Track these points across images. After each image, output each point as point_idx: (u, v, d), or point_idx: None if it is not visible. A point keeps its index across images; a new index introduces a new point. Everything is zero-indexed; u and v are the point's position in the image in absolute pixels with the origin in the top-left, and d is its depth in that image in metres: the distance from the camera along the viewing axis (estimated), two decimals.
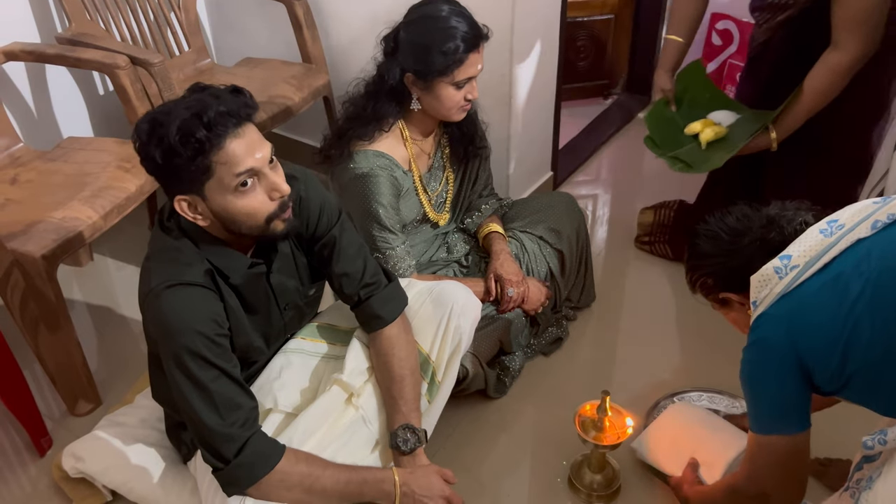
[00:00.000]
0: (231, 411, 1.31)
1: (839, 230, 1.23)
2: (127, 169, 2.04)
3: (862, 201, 1.30)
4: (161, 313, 1.28)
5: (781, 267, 1.24)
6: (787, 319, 1.23)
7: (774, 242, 1.30)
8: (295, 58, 2.62)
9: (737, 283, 1.34)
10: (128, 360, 2.14)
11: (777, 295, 1.23)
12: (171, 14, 2.56)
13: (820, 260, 1.21)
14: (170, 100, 1.27)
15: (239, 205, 1.26)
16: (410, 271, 1.84)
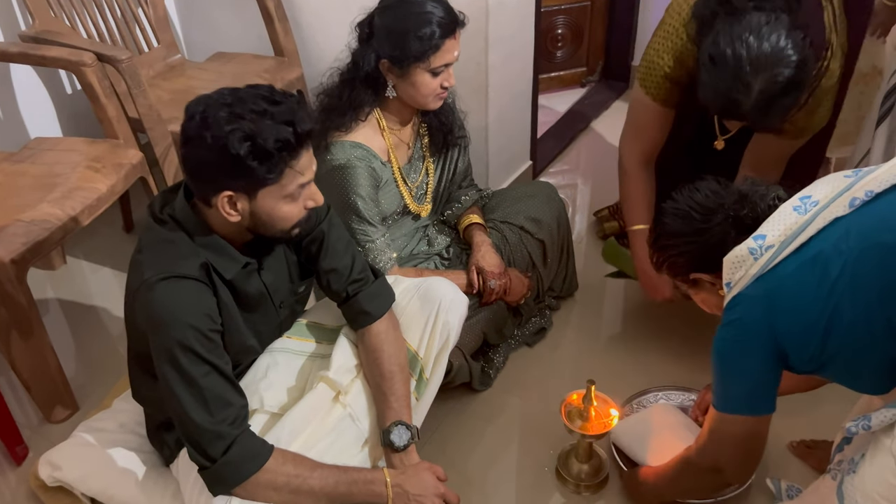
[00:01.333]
0: (221, 408, 1.29)
1: (813, 207, 1.20)
2: (97, 169, 1.99)
3: (833, 174, 1.26)
4: (153, 306, 1.26)
5: (756, 248, 1.20)
6: (765, 301, 1.20)
7: (747, 220, 1.26)
8: (267, 51, 2.58)
9: (708, 263, 1.31)
10: (105, 363, 2.10)
11: (752, 276, 1.21)
12: (138, 9, 2.51)
13: (796, 239, 1.18)
14: (230, 89, 1.25)
15: (284, 210, 1.29)
16: (391, 264, 1.81)
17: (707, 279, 1.34)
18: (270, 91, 1.24)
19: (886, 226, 1.14)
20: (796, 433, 1.79)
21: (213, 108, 1.20)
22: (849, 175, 1.23)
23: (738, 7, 1.56)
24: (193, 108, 1.22)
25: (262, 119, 1.19)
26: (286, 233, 1.34)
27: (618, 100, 3.32)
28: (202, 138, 1.19)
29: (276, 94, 1.24)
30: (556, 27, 3.22)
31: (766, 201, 1.27)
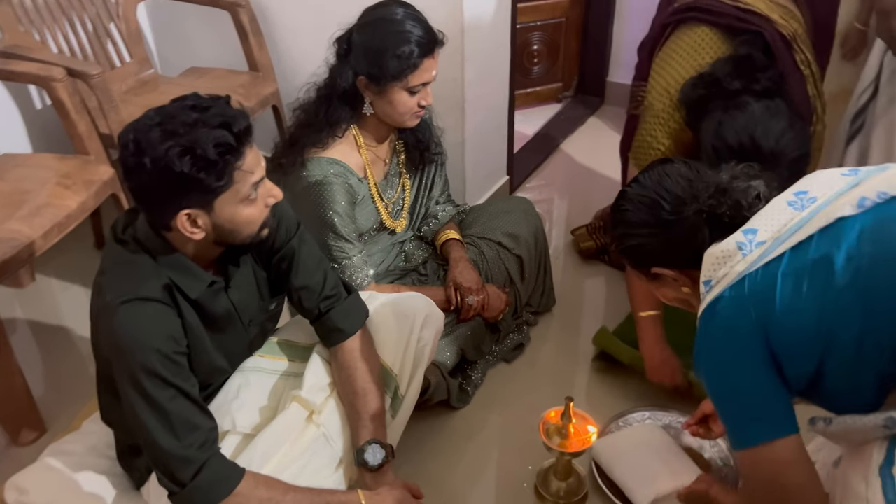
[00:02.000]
0: (188, 432, 1.26)
1: (811, 203, 1.08)
2: (67, 185, 1.96)
3: (828, 171, 1.16)
4: (116, 330, 1.23)
5: (746, 242, 1.08)
6: (756, 303, 1.06)
7: (724, 217, 1.14)
8: (242, 66, 2.56)
9: (673, 257, 1.18)
10: (74, 384, 2.06)
11: (738, 274, 1.07)
12: (110, 24, 2.48)
13: (793, 237, 1.06)
14: (155, 109, 1.22)
15: (245, 214, 1.27)
16: (368, 281, 1.80)
17: (671, 275, 1.20)
18: (196, 98, 1.22)
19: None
20: None
21: (143, 131, 1.17)
22: (847, 173, 1.12)
23: (727, 89, 1.58)
24: (125, 136, 1.18)
25: (196, 129, 1.16)
26: (254, 236, 1.32)
27: (593, 116, 3.35)
28: (142, 165, 1.16)
29: (202, 101, 1.21)
30: (532, 43, 3.24)
31: (749, 198, 1.14)
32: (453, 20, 2.09)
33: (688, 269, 1.17)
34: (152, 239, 1.28)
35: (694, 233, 1.15)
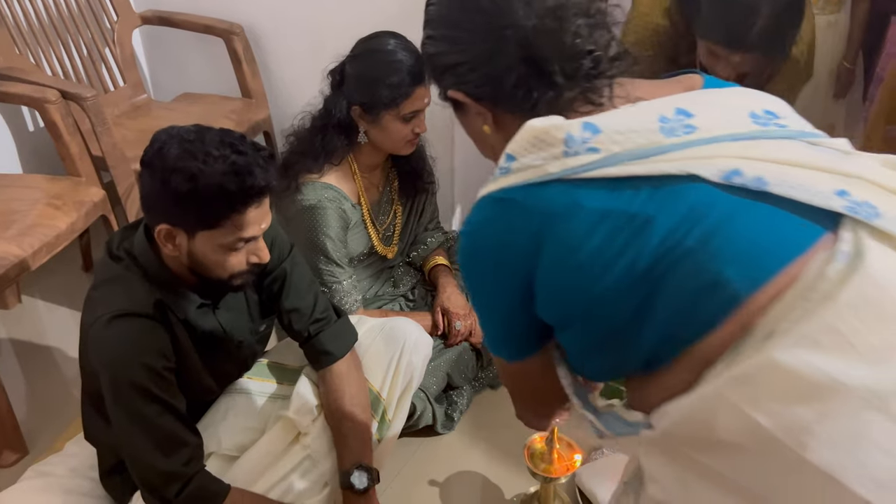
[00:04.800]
0: (175, 448, 1.27)
1: (687, 133, 0.81)
2: (57, 206, 1.97)
3: (742, 96, 0.91)
4: (106, 344, 1.24)
5: (577, 139, 0.81)
6: (541, 223, 0.82)
7: (551, 64, 0.86)
8: (234, 93, 2.59)
9: (473, 82, 0.91)
10: (58, 406, 2.04)
11: (546, 174, 0.81)
12: (105, 48, 2.51)
13: (637, 165, 0.80)
14: (198, 126, 1.24)
15: (219, 258, 1.26)
16: (356, 306, 1.81)
17: (473, 107, 0.94)
18: (239, 140, 1.22)
19: (742, 256, 0.78)
20: None
21: (172, 140, 1.20)
22: (760, 118, 0.86)
23: None
24: (158, 135, 1.22)
25: (214, 164, 1.17)
26: (223, 281, 1.31)
27: None
28: (153, 167, 1.19)
29: (242, 144, 1.21)
30: None
31: (598, 51, 0.86)
32: None
33: (496, 109, 0.92)
34: (147, 255, 1.29)
35: (506, 63, 0.87)
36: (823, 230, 0.78)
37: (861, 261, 0.75)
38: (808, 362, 0.72)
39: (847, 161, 0.84)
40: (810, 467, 0.72)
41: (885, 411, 0.71)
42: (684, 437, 0.80)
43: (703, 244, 0.77)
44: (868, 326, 0.73)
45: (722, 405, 0.76)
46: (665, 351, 0.81)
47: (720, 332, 0.78)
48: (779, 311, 0.75)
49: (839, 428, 0.72)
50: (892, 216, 0.78)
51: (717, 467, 0.78)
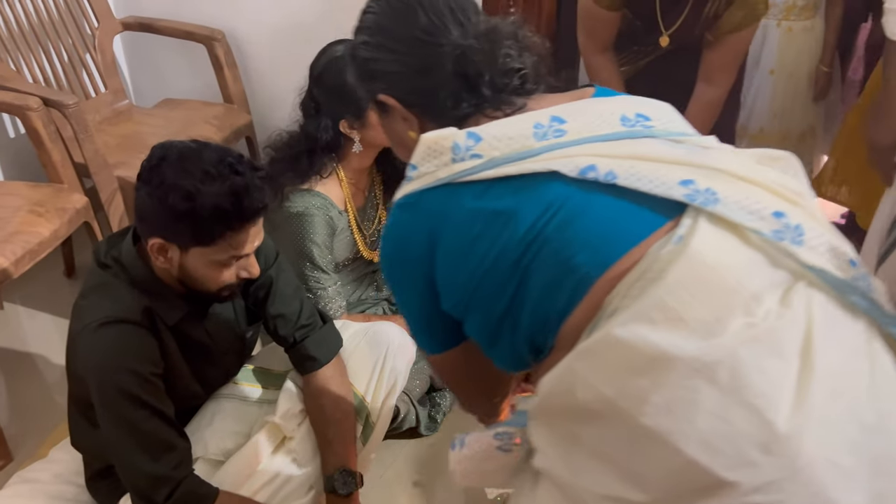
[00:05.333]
0: (164, 453, 1.28)
1: (556, 136, 0.89)
2: (40, 213, 1.97)
3: (619, 103, 0.96)
4: (94, 350, 1.25)
5: (462, 147, 0.89)
6: (433, 224, 0.92)
7: (473, 76, 0.94)
8: (216, 98, 2.60)
9: (406, 91, 0.98)
10: (41, 413, 2.04)
11: (437, 180, 0.90)
12: (86, 55, 2.51)
13: (510, 166, 0.88)
14: (200, 141, 1.25)
15: (211, 273, 1.29)
16: (341, 312, 1.83)
17: (400, 111, 1.00)
18: (237, 159, 1.23)
19: (592, 242, 0.86)
20: None
21: (171, 156, 1.21)
22: (629, 122, 0.92)
23: None
24: (155, 150, 1.23)
25: (212, 183, 1.18)
26: (214, 294, 1.33)
27: None
28: (150, 181, 1.20)
29: (240, 165, 1.22)
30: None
31: (510, 74, 0.95)
32: None
33: (423, 116, 0.99)
34: (135, 262, 1.30)
35: (440, 76, 0.95)
36: (667, 218, 0.86)
37: (689, 242, 0.82)
38: (643, 336, 0.79)
39: (705, 155, 0.90)
40: (649, 432, 0.78)
41: (712, 380, 0.77)
42: (556, 408, 0.87)
43: (559, 233, 0.85)
44: (696, 301, 0.79)
45: (575, 377, 0.83)
46: (543, 335, 0.89)
47: (579, 312, 0.85)
48: (621, 290, 0.83)
49: (672, 396, 0.78)
50: (732, 202, 0.84)
51: (582, 434, 0.85)
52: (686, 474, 0.78)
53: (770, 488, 0.77)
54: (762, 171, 0.91)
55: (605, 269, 0.84)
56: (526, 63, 0.97)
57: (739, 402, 0.77)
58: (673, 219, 0.85)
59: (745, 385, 0.77)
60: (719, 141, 0.95)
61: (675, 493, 0.79)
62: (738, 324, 0.79)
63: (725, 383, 0.77)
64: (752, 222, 0.83)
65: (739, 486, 0.77)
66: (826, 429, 0.79)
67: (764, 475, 0.77)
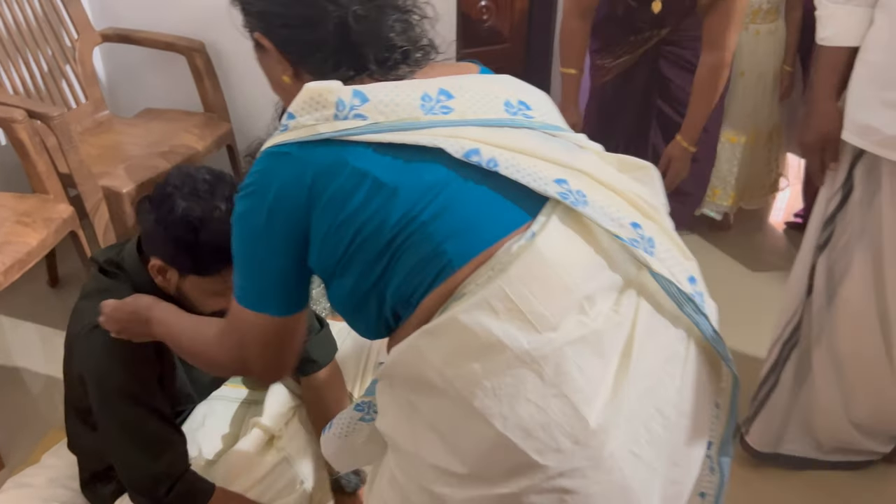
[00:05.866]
0: (162, 450, 1.31)
1: (443, 113, 0.90)
2: (27, 223, 2.00)
3: (504, 84, 0.98)
4: (92, 350, 1.28)
5: (347, 104, 0.88)
6: (315, 178, 0.88)
7: (354, 36, 0.93)
8: (196, 107, 2.64)
9: (284, 37, 0.97)
10: (28, 421, 2.06)
11: (317, 133, 0.88)
12: (66, 66, 2.53)
13: (393, 135, 0.88)
14: (214, 171, 1.27)
15: (205, 300, 1.32)
16: (325, 313, 1.87)
17: (276, 55, 0.98)
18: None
19: (461, 231, 0.88)
20: None
21: (185, 185, 1.24)
22: (511, 108, 0.94)
23: None
24: (171, 176, 1.26)
25: (217, 221, 1.21)
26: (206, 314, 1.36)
27: None
28: (160, 206, 1.24)
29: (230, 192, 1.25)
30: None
31: (392, 39, 0.94)
32: None
33: (299, 66, 0.98)
34: (137, 270, 1.34)
35: (322, 35, 0.94)
36: (531, 215, 0.90)
37: (536, 239, 0.87)
38: (481, 323, 0.84)
39: (577, 155, 0.95)
40: (477, 413, 0.84)
41: (538, 372, 0.84)
42: (400, 377, 0.93)
43: (433, 219, 0.87)
44: (536, 297, 0.85)
45: (419, 354, 0.88)
46: (402, 310, 0.92)
47: (436, 294, 0.89)
48: (474, 278, 0.87)
49: (500, 382, 0.84)
50: (598, 206, 0.89)
51: (419, 406, 0.91)
52: (502, 453, 0.85)
53: (575, 474, 0.85)
54: (625, 181, 0.96)
55: (468, 259, 0.88)
56: (410, 38, 0.96)
57: (558, 395, 0.84)
58: (535, 216, 0.90)
59: (565, 380, 0.84)
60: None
61: (491, 470, 0.86)
62: (571, 322, 0.86)
63: (549, 377, 0.84)
64: (614, 228, 0.89)
65: (547, 469, 0.84)
66: (633, 424, 0.87)
67: (571, 462, 0.84)
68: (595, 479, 0.86)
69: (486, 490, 0.87)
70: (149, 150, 2.36)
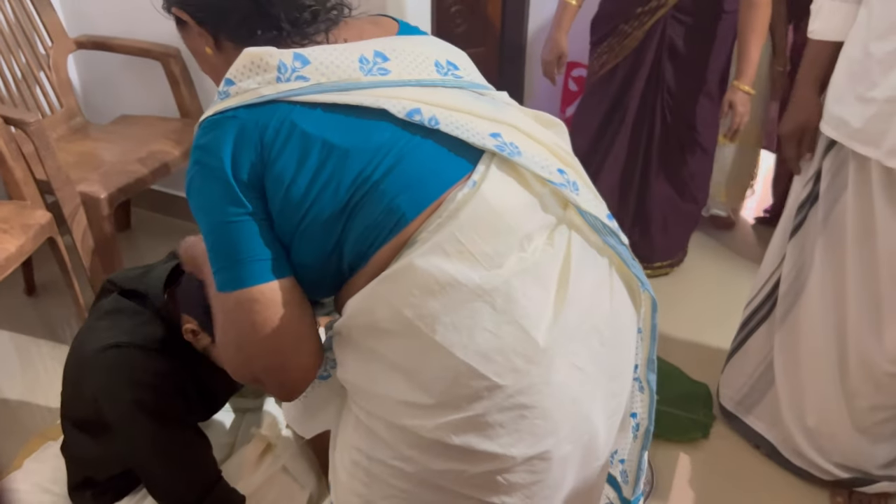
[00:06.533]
0: (192, 459, 1.34)
1: (381, 74, 0.94)
2: (4, 230, 1.99)
3: (433, 47, 1.03)
4: (110, 372, 1.30)
5: (289, 67, 0.90)
6: (265, 139, 0.90)
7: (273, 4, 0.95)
8: (172, 113, 2.64)
9: (197, 7, 0.99)
10: (8, 428, 2.05)
11: (261, 96, 0.89)
12: (40, 73, 2.53)
13: (334, 95, 0.91)
14: None
15: None
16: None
17: (195, 28, 1.00)
18: None
19: (412, 185, 0.93)
20: None
21: None
22: (441, 69, 1.00)
23: None
24: None
25: None
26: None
27: None
28: None
29: None
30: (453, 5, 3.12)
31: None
32: None
33: (218, 36, 1.00)
34: (161, 303, 1.36)
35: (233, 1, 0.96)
36: (472, 165, 0.97)
37: (480, 187, 0.95)
38: (436, 265, 0.92)
39: (504, 111, 1.02)
40: (440, 347, 0.92)
41: (491, 303, 0.92)
42: (358, 326, 0.98)
43: (385, 176, 0.92)
44: (483, 238, 0.93)
45: (378, 300, 0.94)
46: (357, 262, 0.97)
47: (390, 245, 0.95)
48: (426, 226, 0.94)
49: (458, 316, 0.92)
50: (529, 156, 0.98)
51: (381, 350, 0.97)
52: (465, 379, 0.92)
53: (531, 390, 0.94)
54: (546, 134, 1.05)
55: (420, 210, 0.94)
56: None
57: (510, 321, 0.92)
58: (475, 166, 0.97)
59: (515, 308, 0.93)
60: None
61: (457, 396, 0.93)
62: (514, 258, 0.94)
63: (500, 306, 0.92)
64: (545, 174, 0.98)
65: (506, 388, 0.93)
66: (574, 342, 0.97)
67: (526, 379, 0.93)
68: (548, 393, 0.95)
69: (453, 415, 0.93)
70: (125, 156, 2.36)
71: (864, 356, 1.65)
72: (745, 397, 1.95)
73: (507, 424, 0.94)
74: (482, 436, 0.94)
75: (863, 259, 1.60)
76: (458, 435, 0.94)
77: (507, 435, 0.94)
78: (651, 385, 1.17)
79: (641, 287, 1.09)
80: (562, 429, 0.97)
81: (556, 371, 0.95)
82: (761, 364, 1.87)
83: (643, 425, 1.20)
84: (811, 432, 1.80)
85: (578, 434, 1.00)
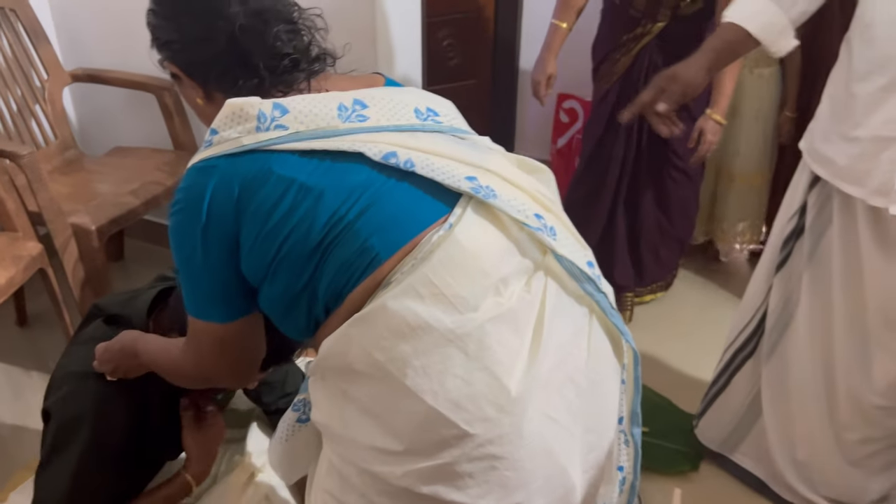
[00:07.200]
0: None
1: (359, 120, 0.97)
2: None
3: (408, 95, 1.05)
4: (77, 396, 1.31)
5: (268, 116, 0.94)
6: (242, 187, 0.94)
7: (251, 55, 0.99)
8: (166, 145, 2.66)
9: (186, 60, 1.04)
10: None
11: (241, 146, 0.93)
12: (35, 106, 2.55)
13: (318, 141, 0.94)
14: None
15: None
16: None
17: (186, 80, 1.06)
18: None
19: (386, 226, 0.95)
20: None
21: None
22: (421, 115, 1.02)
23: None
24: None
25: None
26: None
27: None
28: None
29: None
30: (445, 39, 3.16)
31: (273, 34, 0.99)
32: (365, 21, 2.15)
33: (206, 87, 1.05)
34: (144, 326, 1.36)
35: (214, 51, 1.00)
36: (449, 208, 0.98)
37: (455, 229, 0.95)
38: (409, 307, 0.92)
39: (484, 155, 1.03)
40: (410, 392, 0.91)
41: (463, 349, 0.91)
42: (331, 367, 0.99)
43: (358, 217, 0.94)
44: (456, 280, 0.93)
45: (350, 342, 0.95)
46: (332, 303, 0.98)
47: (364, 286, 0.95)
48: (400, 268, 0.95)
49: (429, 361, 0.91)
50: (505, 198, 0.98)
51: (353, 392, 0.97)
52: (434, 426, 0.92)
53: (502, 440, 0.92)
54: (526, 179, 1.05)
55: (394, 251, 0.95)
56: (298, 47, 1.02)
57: (482, 368, 0.91)
58: (452, 209, 0.98)
59: (487, 354, 0.92)
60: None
61: (426, 443, 0.92)
62: (489, 303, 0.94)
63: (473, 352, 0.91)
64: (521, 217, 0.98)
65: (477, 438, 0.92)
66: (548, 391, 0.95)
67: (497, 429, 0.92)
68: (520, 444, 0.93)
69: (422, 463, 0.93)
70: (119, 187, 2.38)
71: (852, 389, 1.64)
72: (730, 435, 1.93)
73: (476, 475, 0.93)
74: (451, 486, 0.93)
75: (849, 293, 1.60)
76: (427, 484, 0.93)
77: (477, 486, 0.93)
78: (636, 440, 1.13)
79: (623, 339, 1.07)
80: (533, 481, 0.95)
81: (528, 421, 0.93)
82: (748, 397, 1.86)
83: (629, 480, 1.15)
84: (801, 465, 1.78)
85: (552, 488, 0.97)
